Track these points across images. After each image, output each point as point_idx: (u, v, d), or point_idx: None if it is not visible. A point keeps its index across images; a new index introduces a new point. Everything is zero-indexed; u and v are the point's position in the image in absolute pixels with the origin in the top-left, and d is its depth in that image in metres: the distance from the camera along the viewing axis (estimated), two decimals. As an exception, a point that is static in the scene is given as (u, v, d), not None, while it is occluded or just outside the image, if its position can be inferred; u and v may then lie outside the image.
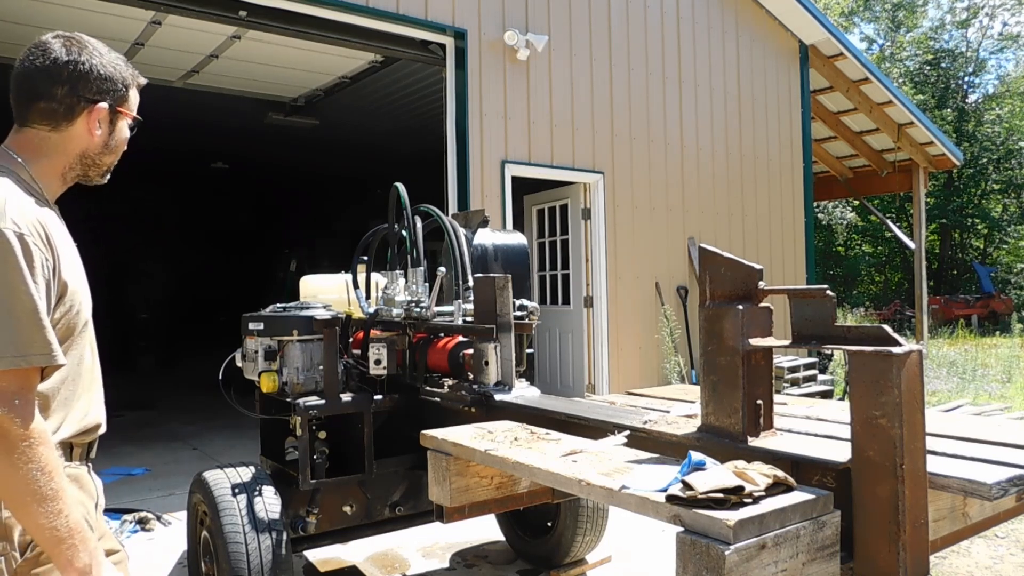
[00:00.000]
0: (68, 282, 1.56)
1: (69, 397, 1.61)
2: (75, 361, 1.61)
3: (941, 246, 29.81)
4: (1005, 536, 4.40)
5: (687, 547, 1.47)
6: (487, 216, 3.99)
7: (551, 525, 3.92)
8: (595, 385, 8.17)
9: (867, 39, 32.93)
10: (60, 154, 1.66)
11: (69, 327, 1.58)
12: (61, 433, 1.58)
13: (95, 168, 1.73)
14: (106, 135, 1.70)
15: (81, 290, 1.61)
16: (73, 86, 1.62)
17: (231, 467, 3.17)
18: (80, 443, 1.65)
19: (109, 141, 1.71)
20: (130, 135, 1.78)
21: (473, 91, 7.23)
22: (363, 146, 12.34)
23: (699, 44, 9.21)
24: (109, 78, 1.68)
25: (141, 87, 1.79)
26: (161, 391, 10.98)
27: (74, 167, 1.70)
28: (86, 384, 1.66)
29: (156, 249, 15.38)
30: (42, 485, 1.40)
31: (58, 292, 1.53)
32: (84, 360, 1.65)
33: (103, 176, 1.78)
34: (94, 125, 1.66)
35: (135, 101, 1.76)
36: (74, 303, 1.58)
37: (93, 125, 1.66)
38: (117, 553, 1.83)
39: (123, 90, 1.71)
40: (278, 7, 6.31)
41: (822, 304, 1.82)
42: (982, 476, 1.67)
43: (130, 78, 1.74)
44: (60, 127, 1.63)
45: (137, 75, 1.77)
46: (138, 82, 1.77)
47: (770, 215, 10.04)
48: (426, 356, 3.32)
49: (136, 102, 1.77)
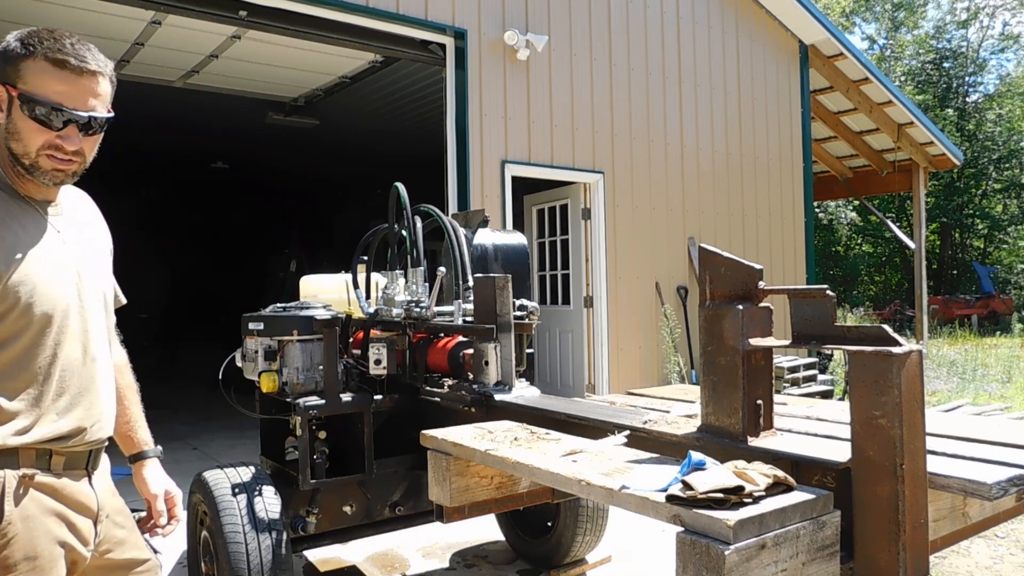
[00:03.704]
0: (3, 271, 1.47)
1: (39, 397, 1.53)
2: (45, 359, 1.53)
3: (941, 246, 29.81)
4: (1005, 536, 4.40)
5: (687, 547, 1.47)
6: (487, 216, 3.98)
7: (551, 525, 3.92)
8: (595, 385, 8.17)
9: (868, 39, 32.96)
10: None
11: (21, 322, 1.50)
12: (31, 436, 1.51)
13: (16, 160, 1.55)
14: (4, 118, 1.53)
15: (38, 283, 1.53)
16: None
17: (231, 467, 3.16)
18: (61, 450, 1.56)
19: (8, 125, 1.53)
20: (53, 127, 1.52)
21: (473, 91, 7.23)
22: (363, 146, 12.34)
23: (699, 44, 9.21)
24: (2, 52, 1.51)
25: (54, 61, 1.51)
26: (161, 391, 10.96)
27: (10, 159, 1.56)
28: (69, 385, 1.58)
29: (156, 249, 15.38)
30: None
31: None
32: (60, 359, 1.56)
33: (32, 172, 1.56)
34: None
35: (36, 79, 1.51)
36: (20, 295, 1.49)
37: None
38: (147, 562, 1.78)
39: (8, 64, 1.51)
40: (278, 7, 6.31)
41: (822, 304, 1.82)
42: (982, 476, 1.66)
43: (23, 51, 1.51)
44: None
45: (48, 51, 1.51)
46: (46, 56, 1.51)
47: (770, 215, 10.04)
48: (426, 356, 3.32)
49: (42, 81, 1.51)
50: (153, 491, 1.91)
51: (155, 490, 1.92)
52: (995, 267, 28.35)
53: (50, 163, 1.55)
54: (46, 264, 1.56)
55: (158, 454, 1.97)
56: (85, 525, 1.63)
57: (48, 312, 1.54)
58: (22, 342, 1.51)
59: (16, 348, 1.51)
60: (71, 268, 1.63)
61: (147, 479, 1.92)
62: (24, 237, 1.54)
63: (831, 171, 14.55)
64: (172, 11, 6.22)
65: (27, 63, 1.51)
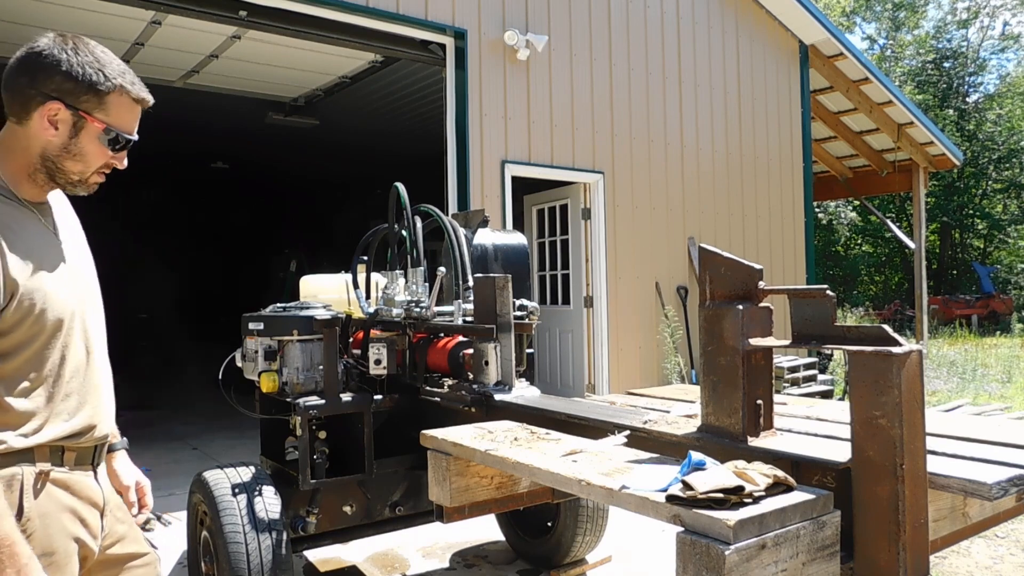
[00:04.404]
0: (21, 281, 1.50)
1: (51, 398, 1.58)
2: (55, 361, 1.58)
3: (941, 246, 29.80)
4: (1005, 536, 4.40)
5: (687, 547, 1.47)
6: (487, 216, 3.98)
7: (551, 525, 3.92)
8: (595, 385, 8.17)
9: (868, 39, 32.96)
10: (23, 150, 1.58)
11: (35, 328, 1.54)
12: (44, 435, 1.55)
13: (61, 174, 1.60)
14: (64, 138, 1.57)
15: (49, 289, 1.56)
16: (32, 78, 1.54)
17: (231, 467, 3.16)
18: (73, 447, 1.62)
19: (69, 145, 1.58)
20: (115, 150, 1.63)
21: (473, 91, 7.23)
22: (363, 146, 12.34)
23: (699, 44, 9.21)
24: (74, 77, 1.54)
25: (137, 99, 1.63)
26: (161, 391, 10.97)
27: (39, 168, 1.59)
28: (76, 385, 1.63)
29: (156, 249, 15.38)
30: None
31: (7, 292, 1.48)
32: (69, 361, 1.61)
33: (76, 186, 1.65)
34: (46, 124, 1.56)
35: (117, 111, 1.61)
36: (35, 302, 1.53)
37: (44, 123, 1.55)
38: (146, 555, 1.83)
39: (89, 94, 1.56)
40: (278, 7, 6.31)
41: (822, 304, 1.82)
42: (982, 476, 1.67)
43: (110, 85, 1.58)
44: (21, 120, 1.57)
45: (129, 86, 1.61)
46: (128, 92, 1.61)
47: (770, 215, 10.04)
48: (426, 356, 3.32)
49: (120, 113, 1.61)
50: (125, 482, 1.97)
51: (127, 481, 1.97)
52: (995, 267, 28.33)
53: (97, 179, 1.67)
54: (52, 269, 1.60)
55: (125, 445, 2.05)
56: (94, 519, 1.67)
57: (59, 316, 1.59)
58: (35, 347, 1.56)
59: (30, 352, 1.55)
60: (72, 271, 1.67)
61: (118, 471, 1.97)
62: (31, 244, 1.57)
63: (831, 171, 14.55)
64: (172, 11, 6.22)
65: (112, 97, 1.59)
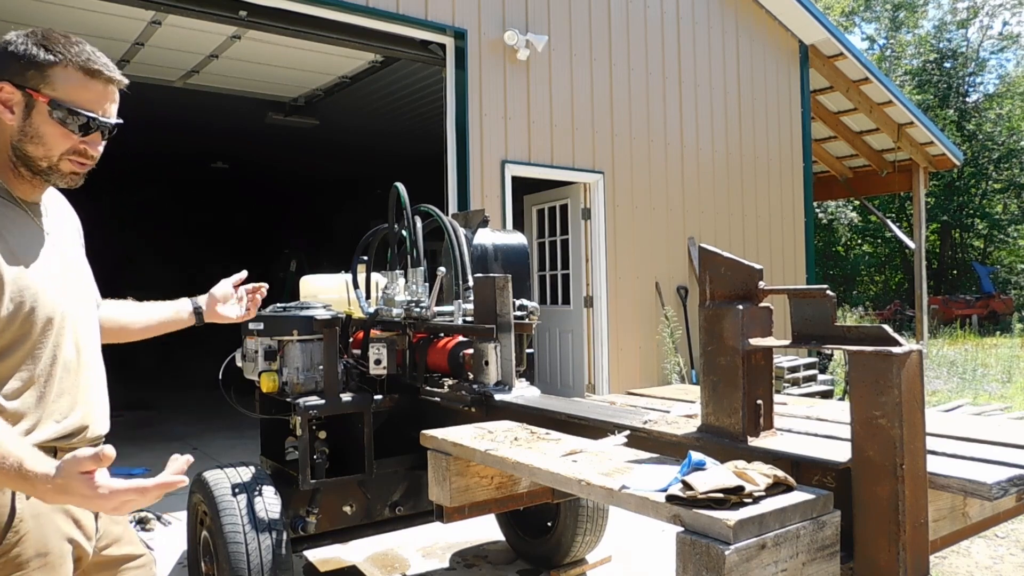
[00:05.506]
0: (9, 279, 1.49)
1: (42, 398, 1.56)
2: (46, 361, 1.57)
3: (941, 246, 29.80)
4: (1005, 536, 4.40)
5: (687, 547, 1.47)
6: (487, 216, 3.98)
7: (551, 525, 3.92)
8: (595, 385, 8.17)
9: (868, 39, 32.95)
10: (2, 146, 1.56)
11: (24, 327, 1.53)
12: (37, 435, 1.54)
13: (29, 162, 1.56)
14: (20, 120, 1.53)
15: (39, 288, 1.55)
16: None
17: (231, 467, 3.16)
18: (65, 448, 1.59)
19: (25, 127, 1.53)
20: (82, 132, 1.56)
21: (473, 91, 7.23)
22: (363, 146, 12.34)
23: (699, 44, 9.21)
24: (18, 56, 1.50)
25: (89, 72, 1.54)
26: (161, 391, 10.97)
27: (15, 160, 1.56)
28: (68, 385, 1.61)
29: (156, 249, 15.37)
30: None
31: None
32: (60, 360, 1.60)
33: (49, 174, 1.59)
34: (2, 108, 1.52)
35: (65, 86, 1.53)
36: (24, 301, 1.52)
37: (2, 108, 1.52)
38: (142, 556, 1.81)
39: (32, 69, 1.50)
40: (278, 7, 6.31)
41: (822, 304, 1.82)
42: (982, 476, 1.66)
43: (51, 58, 1.51)
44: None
45: (77, 58, 1.53)
46: (76, 64, 1.53)
47: (770, 215, 10.04)
48: (426, 356, 3.32)
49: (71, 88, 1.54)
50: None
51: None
52: (995, 267, 28.35)
53: (70, 166, 1.60)
54: (43, 269, 1.59)
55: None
56: (88, 520, 1.66)
57: (49, 316, 1.58)
58: (26, 347, 1.55)
59: (21, 352, 1.54)
60: (64, 271, 1.67)
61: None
62: (23, 243, 1.56)
63: (831, 171, 14.55)
64: (172, 11, 6.22)
65: (56, 70, 1.53)
